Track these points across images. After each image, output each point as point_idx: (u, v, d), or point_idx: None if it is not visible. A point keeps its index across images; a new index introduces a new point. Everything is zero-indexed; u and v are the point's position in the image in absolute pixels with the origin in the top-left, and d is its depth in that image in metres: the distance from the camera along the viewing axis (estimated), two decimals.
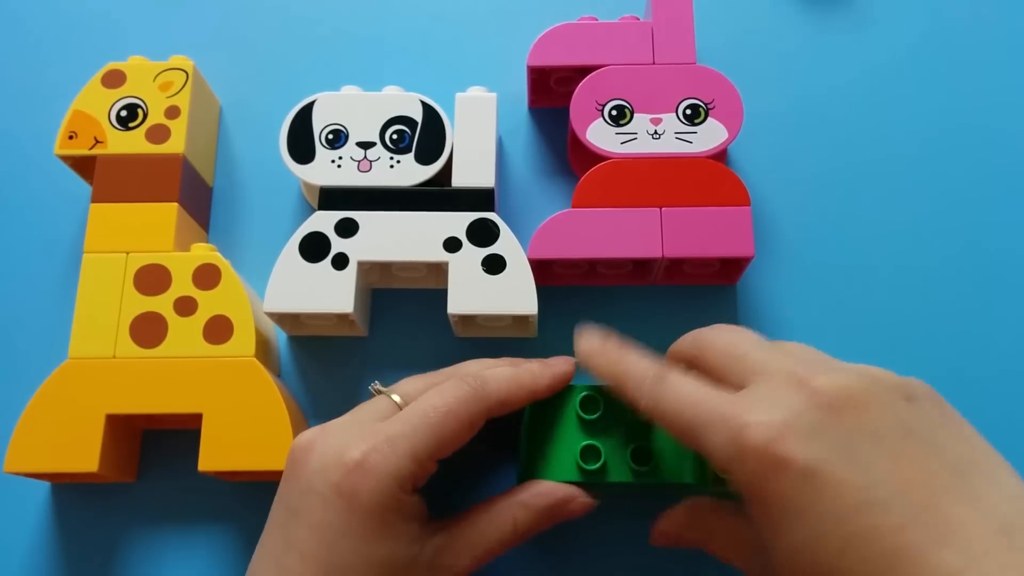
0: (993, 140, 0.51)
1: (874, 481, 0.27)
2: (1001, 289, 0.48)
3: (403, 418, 0.34)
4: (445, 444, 0.34)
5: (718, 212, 0.44)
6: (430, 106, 0.47)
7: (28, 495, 0.44)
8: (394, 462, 0.32)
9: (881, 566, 0.25)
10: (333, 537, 0.31)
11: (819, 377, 0.30)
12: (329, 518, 0.32)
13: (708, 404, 0.31)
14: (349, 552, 0.31)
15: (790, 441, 0.28)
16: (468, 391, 0.35)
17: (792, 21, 0.54)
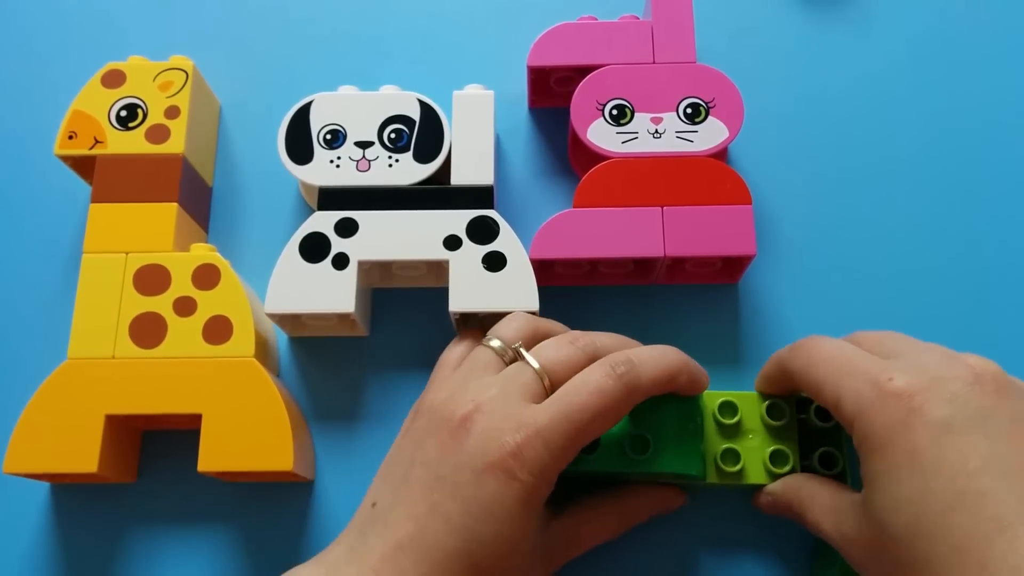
0: (994, 139, 0.51)
1: (997, 453, 0.29)
2: (1002, 288, 0.48)
3: (554, 411, 0.35)
4: (588, 441, 0.35)
5: (719, 211, 0.44)
6: (428, 105, 0.47)
7: (28, 495, 0.44)
8: (546, 458, 0.34)
9: (984, 530, 0.27)
10: (481, 514, 0.33)
11: (971, 356, 0.33)
12: (480, 495, 0.33)
13: (855, 358, 0.34)
14: (492, 531, 0.33)
15: (933, 398, 0.30)
16: (619, 389, 0.35)
17: (792, 19, 0.54)
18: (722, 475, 0.40)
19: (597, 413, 0.34)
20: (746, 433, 0.41)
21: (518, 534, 0.33)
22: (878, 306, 0.48)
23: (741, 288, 0.48)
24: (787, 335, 0.47)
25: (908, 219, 0.49)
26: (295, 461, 0.40)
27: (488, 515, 0.33)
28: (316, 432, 0.46)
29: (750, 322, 0.47)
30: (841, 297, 0.48)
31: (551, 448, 0.34)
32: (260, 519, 0.44)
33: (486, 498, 0.33)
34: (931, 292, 0.48)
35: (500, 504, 0.33)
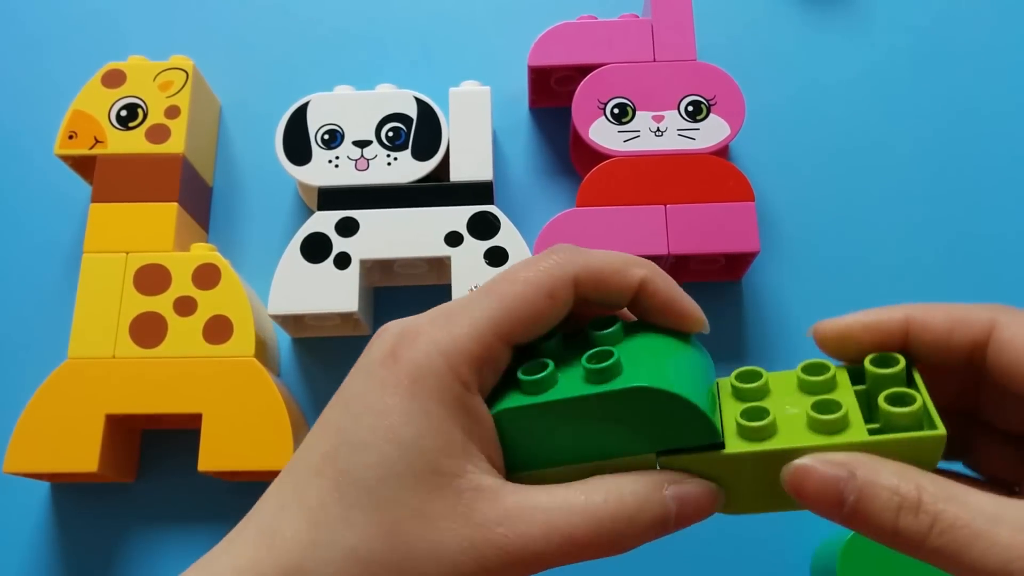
0: (994, 134, 0.51)
1: None
2: (1004, 283, 0.48)
3: (473, 294, 0.28)
4: (518, 318, 0.26)
5: (722, 208, 0.44)
6: (424, 102, 0.47)
7: (28, 495, 0.44)
8: (446, 330, 0.26)
9: None
10: (359, 408, 0.26)
11: None
12: (359, 389, 0.26)
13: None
14: (368, 427, 0.25)
15: None
16: (553, 257, 0.27)
17: (792, 16, 0.54)
18: (745, 433, 0.26)
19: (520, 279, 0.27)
20: (778, 396, 0.28)
21: (408, 431, 0.25)
22: (881, 301, 0.47)
23: (745, 285, 0.48)
24: (791, 331, 0.47)
25: (910, 214, 0.49)
26: None
27: (366, 409, 0.25)
28: None
29: (754, 319, 0.47)
30: (844, 293, 0.48)
31: (454, 320, 0.26)
32: None
33: (365, 390, 0.26)
34: (934, 286, 0.48)
35: (382, 393, 0.25)
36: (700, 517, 0.26)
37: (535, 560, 0.24)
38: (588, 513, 0.25)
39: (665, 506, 0.25)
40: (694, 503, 0.26)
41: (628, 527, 0.25)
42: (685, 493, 0.26)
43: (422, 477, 0.25)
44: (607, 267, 0.28)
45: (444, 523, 0.24)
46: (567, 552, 0.25)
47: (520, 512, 0.25)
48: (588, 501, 0.25)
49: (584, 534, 0.25)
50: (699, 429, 0.26)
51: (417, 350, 0.26)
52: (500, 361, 0.27)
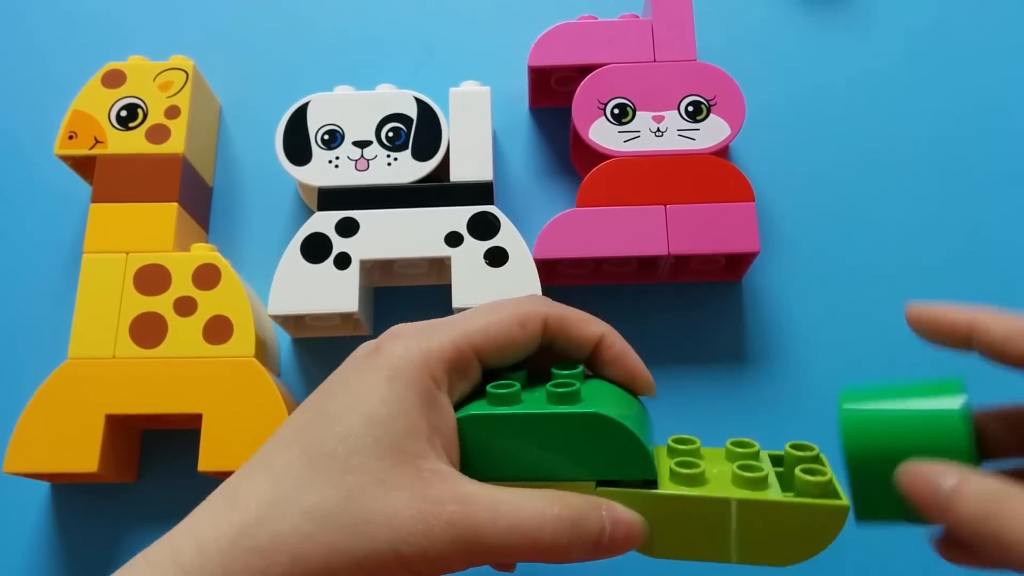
0: (994, 134, 0.51)
1: None
2: (1004, 283, 0.48)
3: (455, 314, 0.31)
4: (491, 337, 0.30)
5: (723, 208, 0.44)
6: (425, 102, 0.47)
7: (28, 495, 0.44)
8: (426, 335, 0.29)
9: None
10: (337, 389, 0.29)
11: None
12: (341, 375, 0.29)
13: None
14: (343, 404, 0.28)
15: None
16: (528, 297, 0.31)
17: (792, 16, 0.54)
18: (677, 478, 0.29)
19: (498, 304, 0.31)
20: (709, 459, 0.31)
21: (380, 411, 0.27)
22: (882, 302, 0.47)
23: (745, 285, 0.48)
24: (791, 332, 0.47)
25: (910, 214, 0.49)
26: None
27: (344, 389, 0.28)
28: None
29: (754, 319, 0.47)
30: (845, 293, 0.48)
31: (435, 328, 0.29)
32: None
33: (348, 376, 0.29)
34: (934, 287, 0.48)
35: (361, 377, 0.28)
36: (628, 545, 0.28)
37: (478, 544, 0.26)
38: (536, 510, 0.27)
39: (602, 522, 0.27)
40: (625, 528, 0.28)
41: (569, 531, 0.27)
42: (619, 516, 0.28)
43: (387, 451, 0.27)
44: (573, 316, 0.31)
45: (401, 493, 0.26)
46: (509, 543, 0.26)
47: (473, 497, 0.27)
48: (537, 499, 0.27)
49: (528, 528, 0.27)
50: (639, 464, 0.29)
51: (398, 346, 0.29)
52: (471, 371, 0.30)
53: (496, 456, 0.29)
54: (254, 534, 0.26)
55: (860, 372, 0.46)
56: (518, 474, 0.29)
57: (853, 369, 0.46)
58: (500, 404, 0.29)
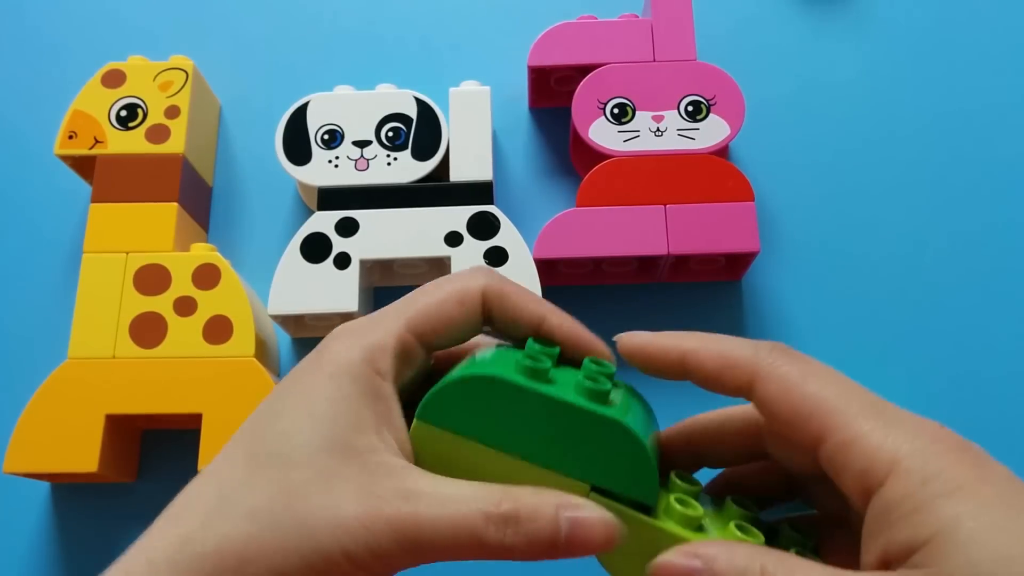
0: (996, 133, 0.51)
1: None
2: (1005, 283, 0.48)
3: (395, 302, 0.30)
4: (429, 318, 0.29)
5: (722, 208, 0.44)
6: (424, 102, 0.47)
7: (28, 495, 0.44)
8: (367, 328, 0.29)
9: None
10: (282, 391, 0.28)
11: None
12: (287, 380, 0.28)
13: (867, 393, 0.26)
14: (288, 404, 0.27)
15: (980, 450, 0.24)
16: (467, 272, 0.30)
17: (792, 16, 0.54)
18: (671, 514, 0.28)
19: (434, 284, 0.30)
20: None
21: (320, 408, 0.27)
22: (881, 301, 0.47)
23: (744, 285, 0.48)
24: (791, 331, 0.47)
25: (910, 213, 0.49)
26: None
27: (285, 394, 0.27)
28: None
29: (754, 319, 0.47)
30: (844, 293, 0.48)
31: (373, 319, 0.29)
32: None
33: (289, 381, 0.28)
34: (934, 287, 0.48)
35: (302, 379, 0.28)
36: (590, 548, 0.26)
37: (422, 542, 0.25)
38: (481, 505, 0.25)
39: (556, 524, 0.26)
40: (587, 531, 0.26)
41: (515, 530, 0.25)
42: (583, 518, 0.26)
43: (332, 447, 0.26)
44: (513, 292, 0.30)
45: (346, 488, 0.25)
46: (454, 542, 0.25)
47: (418, 493, 0.25)
48: (485, 494, 0.26)
49: (472, 525, 0.25)
50: (643, 486, 0.27)
51: (339, 343, 0.28)
52: (414, 356, 0.29)
53: (499, 423, 0.28)
54: (200, 539, 0.25)
55: (860, 372, 0.45)
56: (515, 449, 0.28)
57: (852, 369, 0.45)
58: (530, 377, 0.28)
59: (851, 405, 0.25)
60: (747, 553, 0.24)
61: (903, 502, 0.23)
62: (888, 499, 0.23)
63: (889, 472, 0.23)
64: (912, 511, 0.23)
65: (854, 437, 0.24)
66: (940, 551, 0.22)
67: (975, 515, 0.22)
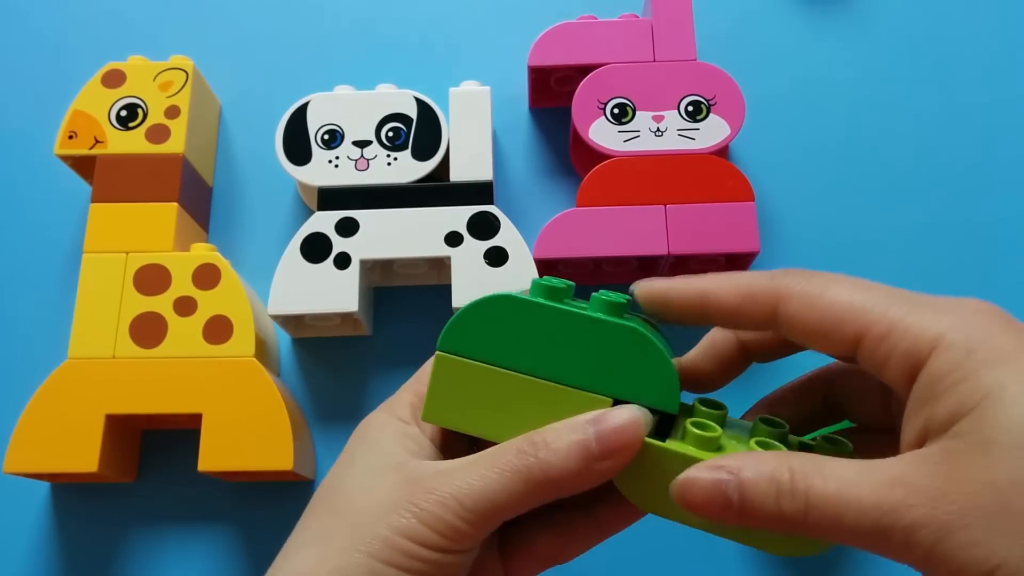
0: (996, 132, 0.51)
1: None
2: (1005, 281, 0.48)
3: None
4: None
5: (722, 208, 0.44)
6: (424, 102, 0.47)
7: (28, 495, 0.44)
8: (390, 400, 0.32)
9: None
10: (352, 443, 0.31)
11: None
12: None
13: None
14: (333, 471, 0.30)
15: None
16: None
17: (792, 17, 0.54)
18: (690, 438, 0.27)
19: (422, 369, 0.33)
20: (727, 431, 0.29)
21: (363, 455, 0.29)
22: None
23: None
24: None
25: (911, 213, 0.49)
26: (295, 461, 0.40)
27: (358, 440, 0.30)
28: (316, 432, 0.45)
29: None
30: None
31: (406, 386, 0.32)
32: (260, 519, 0.44)
33: (358, 432, 0.31)
34: (934, 286, 0.47)
35: (364, 429, 0.31)
36: (625, 445, 0.26)
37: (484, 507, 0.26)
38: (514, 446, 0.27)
39: (583, 431, 0.26)
40: (614, 429, 0.26)
41: (546, 456, 0.26)
42: (605, 419, 0.26)
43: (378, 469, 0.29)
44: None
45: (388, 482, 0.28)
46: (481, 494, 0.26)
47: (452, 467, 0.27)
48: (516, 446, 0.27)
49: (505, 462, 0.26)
50: (665, 393, 0.27)
51: (372, 415, 0.31)
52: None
53: (517, 345, 0.28)
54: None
55: None
56: (535, 369, 0.28)
57: None
58: (548, 297, 0.28)
59: (882, 300, 0.24)
60: (774, 458, 0.23)
61: (948, 375, 0.22)
62: (932, 374, 0.23)
63: (933, 348, 0.23)
64: (956, 382, 0.22)
65: (892, 324, 0.24)
66: (983, 416, 0.21)
67: (1021, 379, 0.21)
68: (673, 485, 0.25)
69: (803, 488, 0.22)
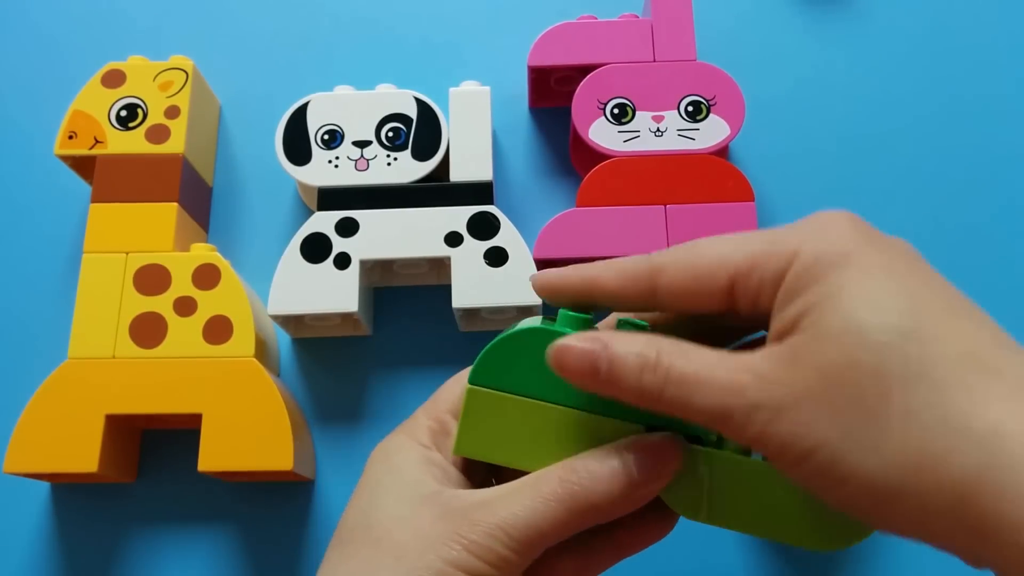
0: (996, 131, 0.51)
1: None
2: (1005, 282, 0.48)
3: None
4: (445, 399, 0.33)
5: (722, 208, 0.44)
6: (424, 102, 0.47)
7: (28, 495, 0.44)
8: (410, 419, 0.32)
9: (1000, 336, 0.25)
10: (371, 462, 0.31)
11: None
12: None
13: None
14: (360, 498, 0.30)
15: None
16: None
17: (792, 17, 0.54)
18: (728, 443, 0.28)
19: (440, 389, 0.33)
20: None
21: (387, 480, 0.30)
22: None
23: None
24: None
25: (911, 212, 0.49)
26: (295, 461, 0.40)
27: (381, 466, 0.31)
28: (316, 432, 0.45)
29: None
30: None
31: (426, 408, 0.32)
32: (260, 519, 0.44)
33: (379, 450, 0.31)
34: None
35: (385, 454, 0.31)
36: (664, 468, 0.27)
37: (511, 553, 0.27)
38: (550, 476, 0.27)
39: (622, 457, 0.27)
40: (653, 453, 0.27)
41: (589, 483, 0.27)
42: (643, 443, 0.27)
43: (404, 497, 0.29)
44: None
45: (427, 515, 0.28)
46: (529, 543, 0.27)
47: (494, 497, 0.27)
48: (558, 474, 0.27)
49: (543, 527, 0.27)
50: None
51: (390, 438, 0.31)
52: (446, 424, 0.31)
53: (548, 376, 0.28)
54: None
55: None
56: (566, 399, 0.28)
57: None
58: (577, 329, 0.28)
59: (743, 241, 0.26)
60: (645, 340, 0.26)
61: (799, 281, 0.24)
62: (788, 283, 0.25)
63: (790, 263, 0.25)
64: (806, 286, 0.24)
65: (755, 257, 0.26)
66: (822, 311, 0.23)
67: (859, 279, 0.24)
68: (549, 350, 0.27)
69: (666, 365, 0.25)
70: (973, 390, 0.22)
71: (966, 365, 0.22)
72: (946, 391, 0.22)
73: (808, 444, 0.23)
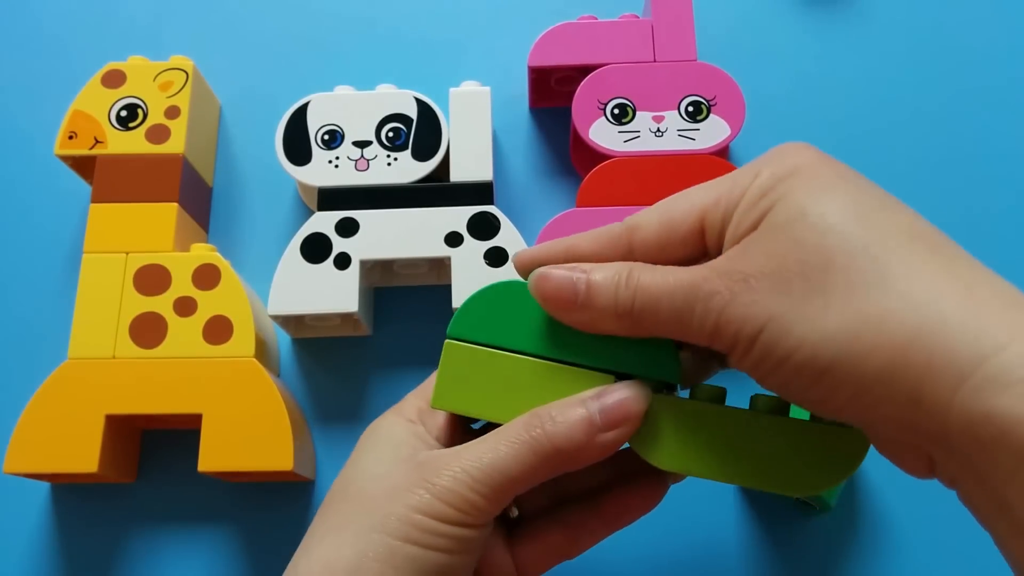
0: (996, 130, 0.51)
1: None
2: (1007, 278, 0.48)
3: None
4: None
5: None
6: (425, 102, 0.47)
7: (28, 495, 0.44)
8: (407, 399, 0.33)
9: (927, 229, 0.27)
10: (363, 439, 0.32)
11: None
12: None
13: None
14: (344, 468, 0.31)
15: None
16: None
17: (793, 17, 0.54)
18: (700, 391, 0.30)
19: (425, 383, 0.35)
20: None
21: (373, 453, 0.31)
22: None
23: None
24: None
25: None
26: (295, 461, 0.40)
27: (368, 438, 0.32)
28: (316, 432, 0.45)
29: None
30: None
31: (415, 392, 0.34)
32: (260, 519, 0.44)
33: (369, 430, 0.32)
34: None
35: (373, 429, 0.32)
36: (627, 413, 0.28)
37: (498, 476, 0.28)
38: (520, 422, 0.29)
39: (586, 404, 0.28)
40: (615, 398, 0.28)
41: (551, 428, 0.28)
42: (606, 390, 0.29)
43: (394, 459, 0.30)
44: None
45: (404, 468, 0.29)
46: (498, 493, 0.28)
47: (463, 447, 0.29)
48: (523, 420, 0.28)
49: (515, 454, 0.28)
50: (664, 363, 0.29)
51: (380, 417, 0.33)
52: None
53: (522, 328, 0.30)
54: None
55: None
56: (540, 350, 0.30)
57: None
58: None
59: (711, 185, 0.28)
60: (620, 265, 0.28)
61: (753, 194, 0.26)
62: (745, 200, 0.27)
63: (751, 184, 0.27)
64: (761, 197, 0.26)
65: (719, 193, 0.28)
66: (775, 212, 0.26)
67: (808, 183, 0.26)
68: (530, 279, 0.29)
69: (635, 278, 0.27)
70: (910, 263, 0.24)
71: (904, 242, 0.24)
72: (886, 264, 0.23)
73: (759, 322, 0.24)
